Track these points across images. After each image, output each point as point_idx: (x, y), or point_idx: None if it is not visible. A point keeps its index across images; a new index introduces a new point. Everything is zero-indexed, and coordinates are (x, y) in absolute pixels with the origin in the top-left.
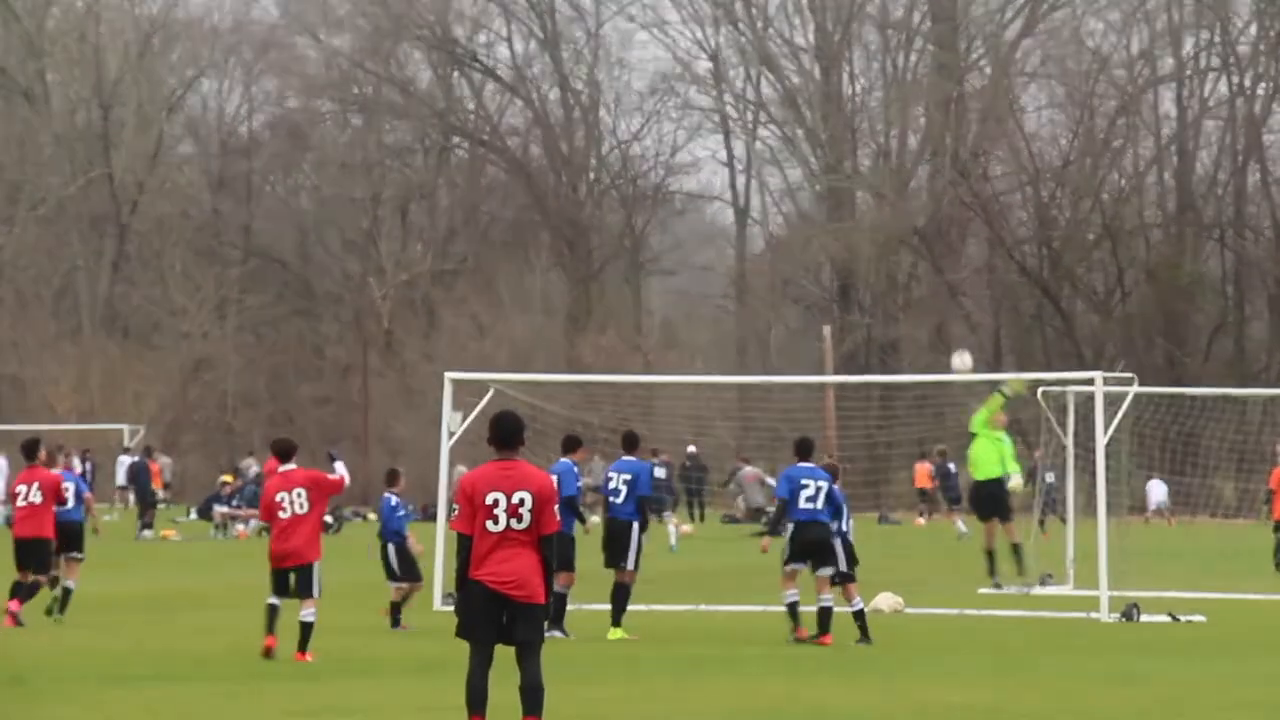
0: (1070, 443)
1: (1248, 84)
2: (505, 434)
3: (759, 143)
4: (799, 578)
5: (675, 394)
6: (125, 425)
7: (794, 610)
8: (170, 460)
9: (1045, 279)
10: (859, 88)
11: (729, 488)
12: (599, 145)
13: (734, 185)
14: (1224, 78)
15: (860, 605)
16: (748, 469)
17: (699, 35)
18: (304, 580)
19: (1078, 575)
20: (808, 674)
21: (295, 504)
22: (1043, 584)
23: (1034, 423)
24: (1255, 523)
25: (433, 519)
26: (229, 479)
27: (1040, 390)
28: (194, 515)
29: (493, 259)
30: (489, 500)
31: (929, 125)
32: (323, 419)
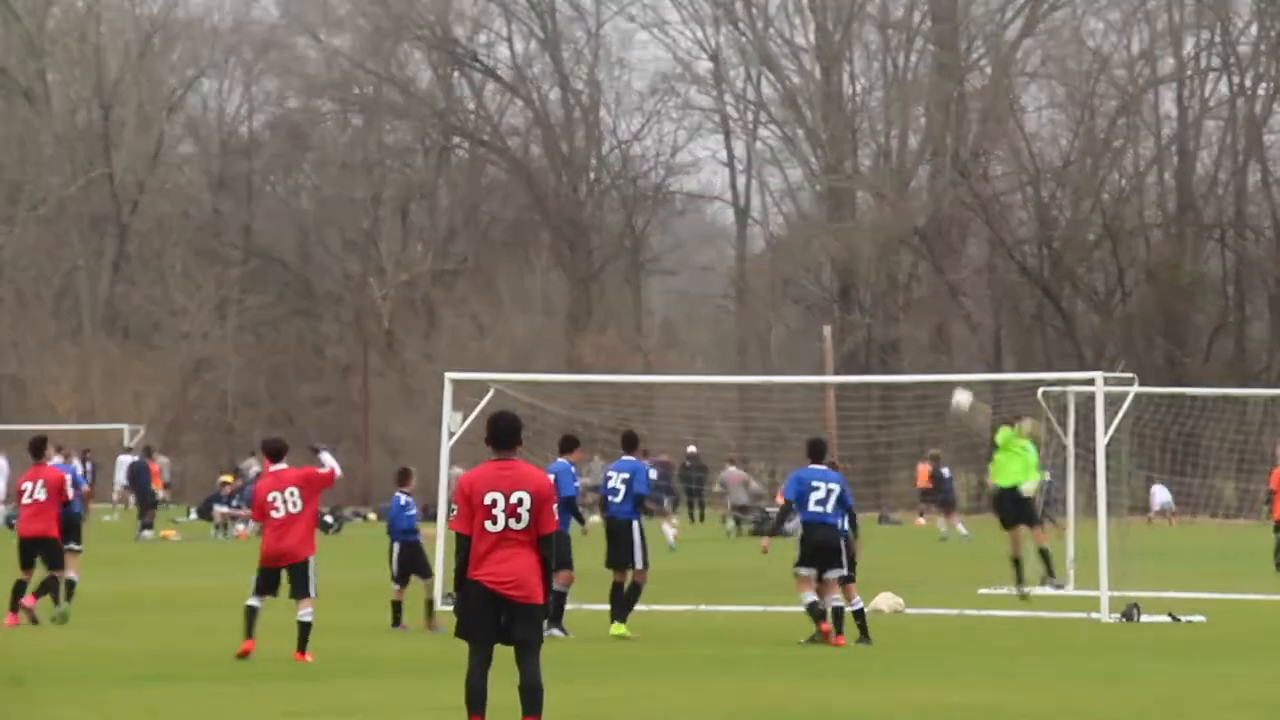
0: (1071, 443)
1: (1248, 84)
2: (503, 434)
3: (759, 143)
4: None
5: (675, 394)
6: (125, 425)
7: (814, 609)
8: (168, 460)
9: (1046, 279)
10: (859, 88)
11: (716, 488)
12: (599, 145)
13: (734, 185)
14: (1224, 78)
15: (860, 605)
16: (732, 469)
17: (699, 35)
18: (300, 579)
19: (1078, 576)
20: (808, 674)
21: (289, 503)
22: (1043, 584)
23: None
24: (1256, 523)
25: (433, 519)
26: (229, 479)
27: (1041, 390)
28: (194, 515)
29: (493, 259)
30: (487, 500)
31: (929, 125)
32: (323, 419)
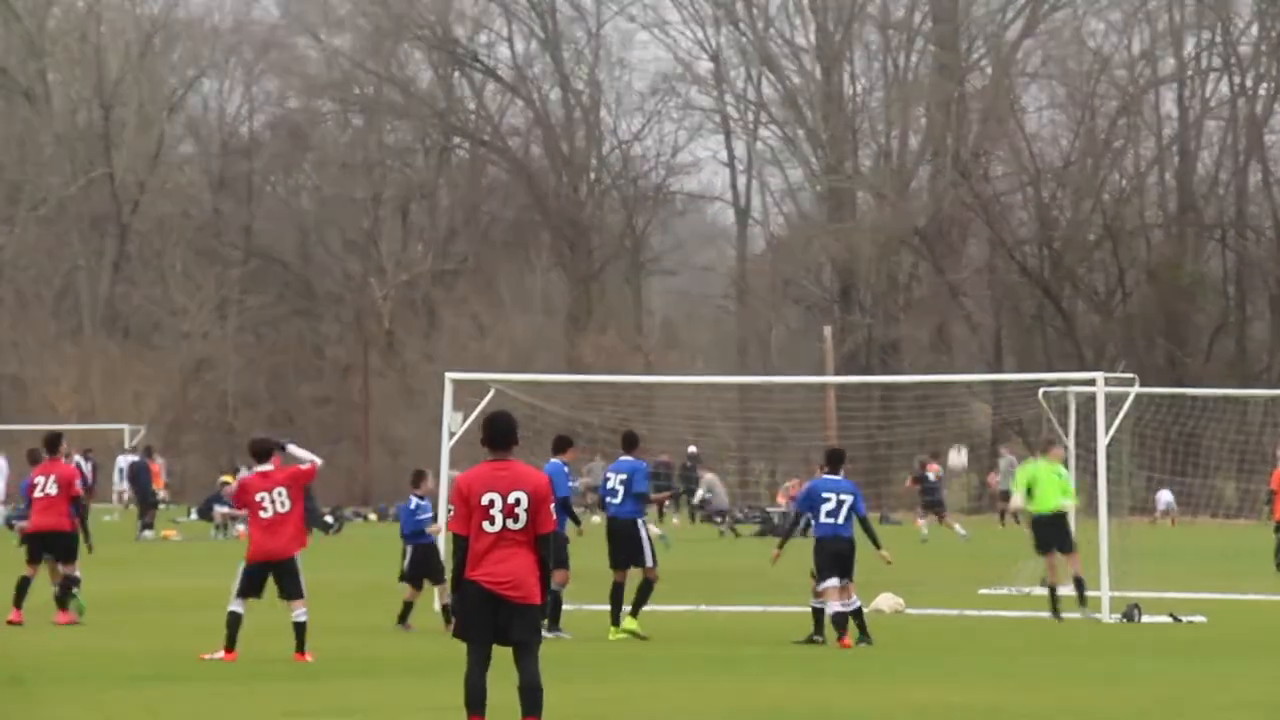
0: (1071, 443)
1: (1249, 84)
2: (499, 434)
3: (760, 143)
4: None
5: (676, 394)
6: (125, 425)
7: (838, 620)
8: (164, 461)
9: (1046, 279)
10: (860, 88)
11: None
12: (600, 145)
13: (735, 185)
14: (1225, 78)
15: (858, 604)
16: (709, 475)
17: (700, 35)
18: (290, 579)
19: None
20: (808, 674)
21: (277, 502)
22: (1043, 584)
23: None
24: (1256, 523)
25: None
26: (229, 479)
27: (1041, 391)
28: (194, 515)
29: (493, 259)
30: (485, 501)
31: (930, 125)
32: (323, 419)
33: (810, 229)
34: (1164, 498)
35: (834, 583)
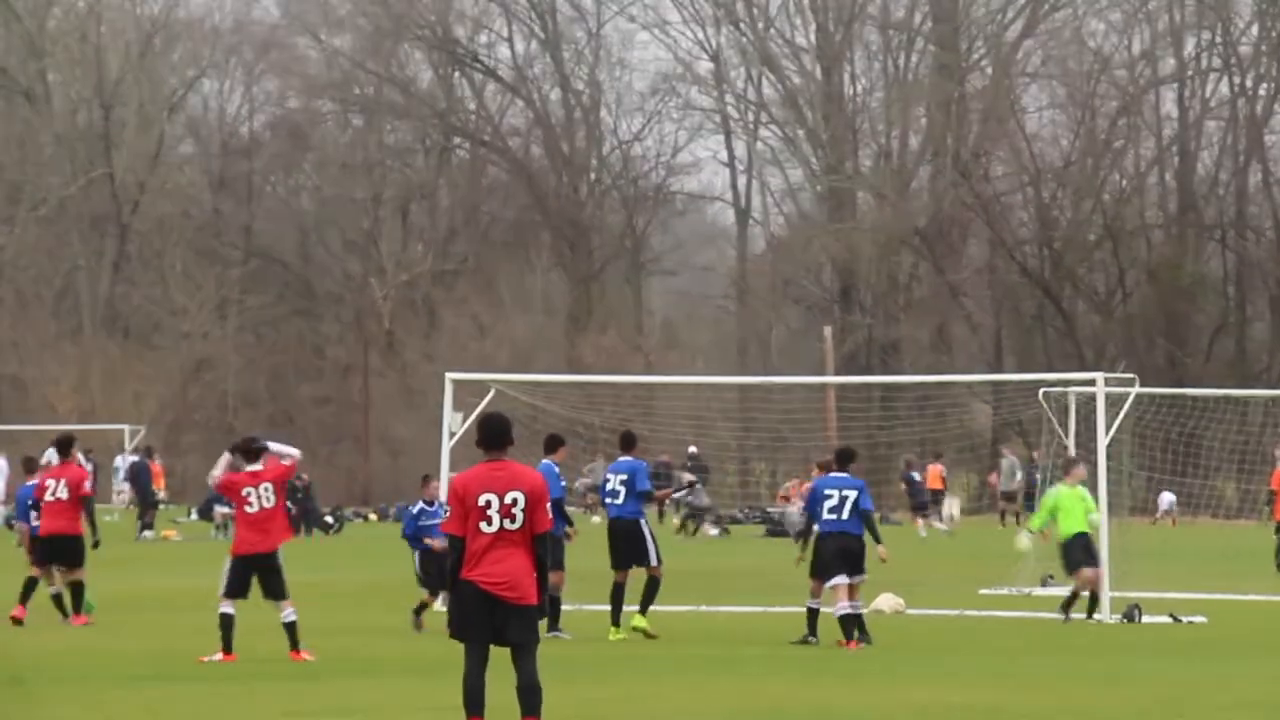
0: (1071, 443)
1: (1249, 84)
2: (494, 435)
3: (760, 143)
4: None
5: (676, 394)
6: (126, 425)
7: (845, 622)
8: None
9: (1046, 279)
10: (860, 88)
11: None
12: (600, 145)
13: (735, 186)
14: (1225, 78)
15: (816, 604)
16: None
17: (700, 35)
18: (275, 578)
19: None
20: (808, 674)
21: (263, 498)
22: (1044, 585)
23: (1035, 423)
24: (1257, 524)
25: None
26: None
27: (1042, 391)
28: (194, 515)
29: (493, 259)
30: (481, 501)
31: (930, 126)
32: (323, 419)
33: (810, 229)
34: (1166, 499)
35: (842, 580)
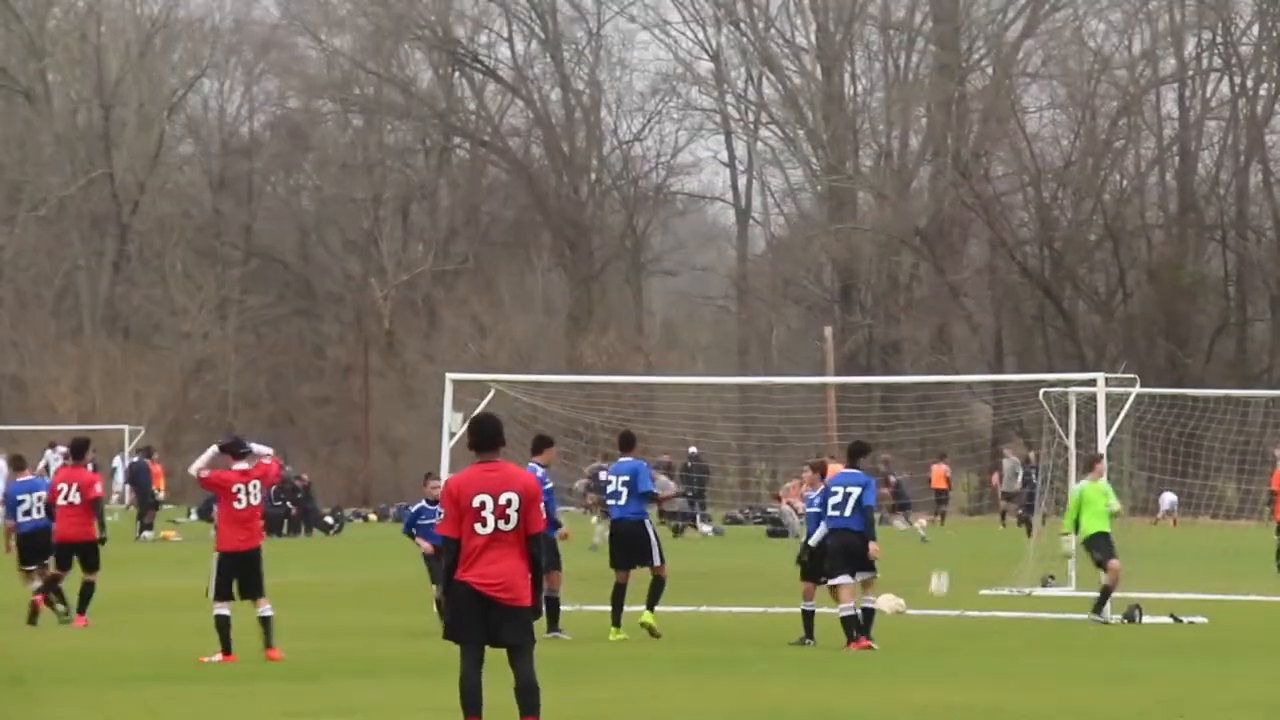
0: (1072, 444)
1: (1250, 84)
2: (486, 436)
3: (760, 143)
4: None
5: (676, 395)
6: (125, 426)
7: (848, 623)
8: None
9: (1047, 280)
10: (860, 88)
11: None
12: (600, 146)
13: (735, 186)
14: (1226, 78)
15: (856, 609)
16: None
17: (700, 36)
18: (256, 577)
19: (1080, 576)
20: (808, 675)
21: (251, 495)
22: (1044, 585)
23: (1035, 424)
24: (1257, 524)
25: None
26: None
27: (1042, 391)
28: (194, 516)
29: (494, 259)
30: (476, 503)
31: (930, 126)
32: (323, 419)
33: (811, 229)
34: (1167, 499)
35: (845, 580)
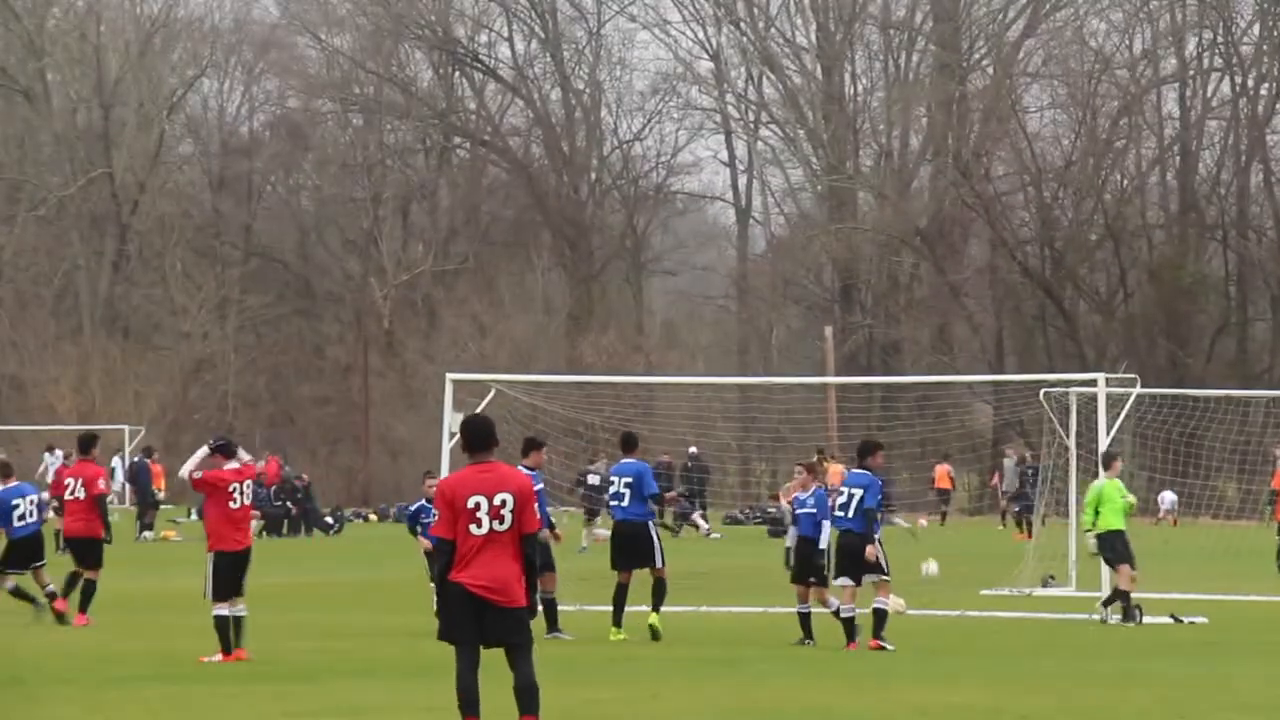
0: (1073, 444)
1: (1250, 84)
2: (479, 437)
3: (760, 143)
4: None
5: (676, 395)
6: (126, 426)
7: (848, 625)
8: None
9: (1048, 279)
10: (861, 88)
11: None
12: (600, 145)
13: (735, 185)
14: (1227, 78)
15: (836, 606)
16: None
17: (700, 35)
18: (242, 577)
19: (1080, 576)
20: (809, 675)
21: (245, 495)
22: (1045, 585)
23: (1036, 424)
24: (1258, 524)
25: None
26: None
27: (1043, 391)
28: (194, 516)
29: (494, 259)
30: (470, 504)
31: (931, 125)
32: (323, 419)
33: (811, 229)
34: (1168, 498)
35: (844, 582)
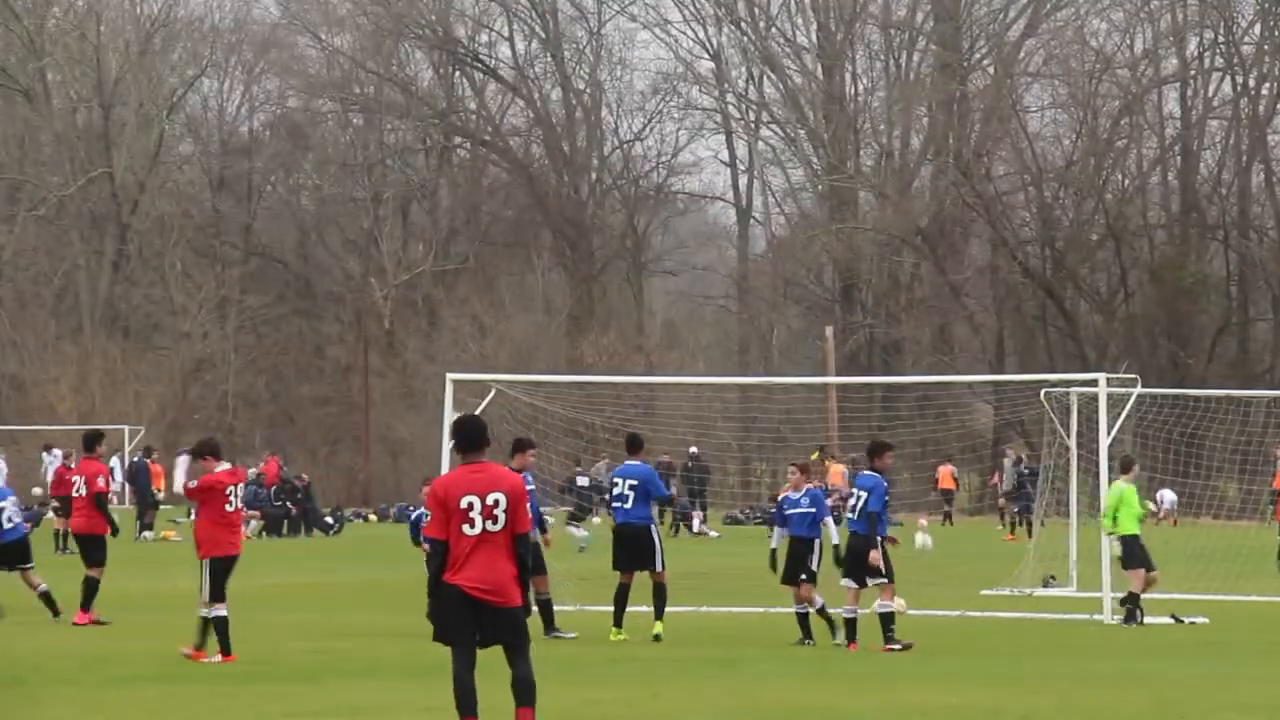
0: (1074, 444)
1: (1252, 84)
2: (471, 437)
3: (761, 143)
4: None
5: (677, 395)
6: (126, 426)
7: (849, 625)
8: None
9: (1048, 279)
10: (861, 88)
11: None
12: (601, 145)
13: (736, 185)
14: (1228, 78)
15: (820, 604)
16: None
17: (701, 35)
18: (229, 579)
19: (1080, 577)
20: (810, 675)
21: (238, 497)
22: (1045, 585)
23: (1036, 424)
24: (1259, 524)
25: None
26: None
27: (1044, 391)
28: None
29: (494, 259)
30: (463, 504)
31: (932, 125)
32: (323, 419)
33: (812, 229)
34: (1167, 497)
35: (847, 583)
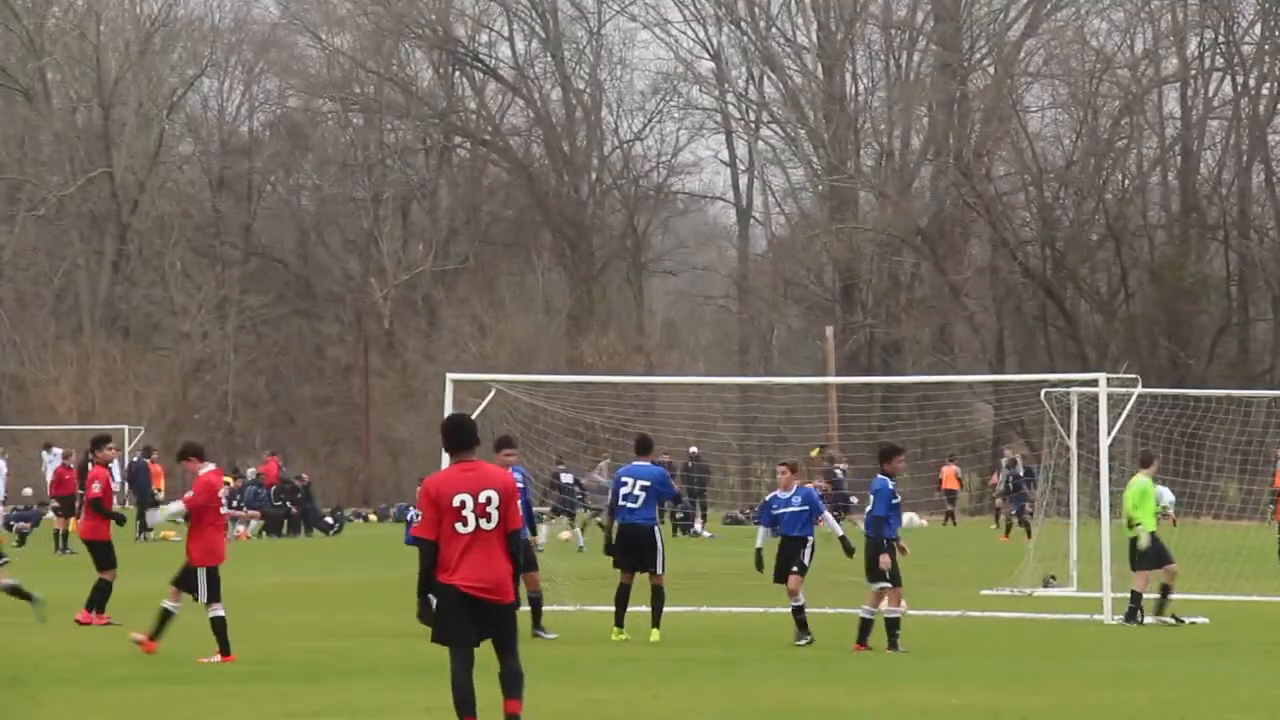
0: (1074, 444)
1: (1252, 84)
2: (461, 437)
3: (761, 143)
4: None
5: (677, 395)
6: (126, 426)
7: (862, 625)
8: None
9: (1049, 280)
10: (862, 87)
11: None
12: (601, 145)
13: (736, 185)
14: (1228, 78)
15: (801, 602)
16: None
17: (701, 35)
18: (219, 580)
19: (1081, 577)
20: (810, 676)
21: (229, 502)
22: (1046, 585)
23: (1037, 424)
24: (1259, 524)
25: None
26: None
27: (1044, 391)
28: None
29: (494, 259)
30: (456, 502)
31: (932, 125)
32: (323, 419)
33: (812, 229)
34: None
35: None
